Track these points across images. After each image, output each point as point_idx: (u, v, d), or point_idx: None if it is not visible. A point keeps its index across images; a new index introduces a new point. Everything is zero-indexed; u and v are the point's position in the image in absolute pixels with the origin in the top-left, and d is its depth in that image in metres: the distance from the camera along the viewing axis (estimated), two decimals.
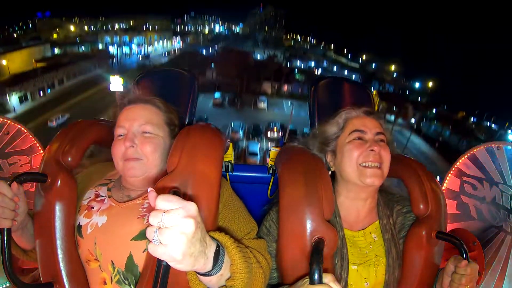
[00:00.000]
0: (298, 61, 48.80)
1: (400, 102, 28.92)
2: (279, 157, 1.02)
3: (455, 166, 1.48)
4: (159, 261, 0.53)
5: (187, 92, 1.18)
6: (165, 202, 0.51)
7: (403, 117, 28.42)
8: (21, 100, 22.04)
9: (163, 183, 0.76)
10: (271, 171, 1.34)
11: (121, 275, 0.83)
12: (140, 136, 0.90)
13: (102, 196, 0.93)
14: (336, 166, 1.00)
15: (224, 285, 0.66)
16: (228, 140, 0.97)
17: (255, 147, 20.13)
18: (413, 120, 29.47)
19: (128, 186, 0.94)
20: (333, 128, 1.02)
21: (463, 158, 1.47)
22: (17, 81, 22.02)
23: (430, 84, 32.80)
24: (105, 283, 0.85)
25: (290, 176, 0.90)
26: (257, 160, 18.97)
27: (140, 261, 0.81)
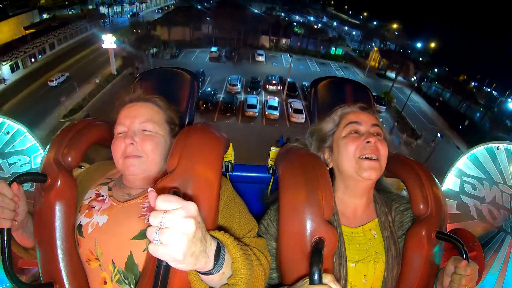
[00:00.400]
0: (297, 16, 47.59)
1: (401, 60, 28.54)
2: (279, 157, 1.02)
3: (455, 166, 1.48)
4: (159, 261, 0.53)
5: (187, 91, 1.18)
6: (165, 202, 0.52)
7: (404, 75, 28.38)
8: (13, 69, 21.47)
9: (163, 183, 0.76)
10: (271, 171, 1.34)
11: (121, 275, 0.83)
12: (140, 134, 0.90)
13: (103, 196, 0.93)
14: (333, 161, 1.01)
15: (226, 283, 0.67)
16: (228, 140, 0.97)
17: (254, 100, 19.90)
18: (413, 79, 29.44)
19: (128, 185, 0.94)
20: (329, 124, 1.03)
21: (463, 158, 1.47)
22: (6, 50, 21.38)
23: (432, 44, 32.12)
24: (105, 282, 0.85)
25: (290, 176, 0.90)
26: (256, 112, 18.76)
27: (140, 261, 0.81)
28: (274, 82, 23.71)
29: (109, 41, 21.91)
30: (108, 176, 1.01)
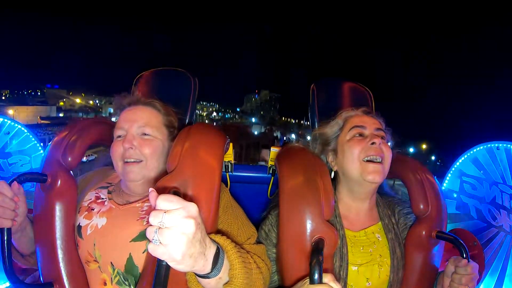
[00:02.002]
0: (293, 135, 53.46)
1: None
2: (279, 157, 1.02)
3: (455, 166, 1.48)
4: (159, 261, 0.52)
5: (187, 92, 1.18)
6: (166, 202, 0.51)
7: None
8: None
9: (163, 183, 0.76)
10: (271, 171, 1.34)
11: (121, 276, 0.83)
12: (139, 138, 0.90)
13: (102, 198, 0.93)
14: (338, 165, 1.00)
15: None
16: (228, 140, 0.96)
17: None
18: None
19: (128, 192, 0.94)
20: (333, 128, 1.03)
21: (463, 158, 1.47)
22: None
23: None
24: (105, 283, 0.85)
25: (290, 176, 0.89)
26: None
27: (140, 262, 0.81)
28: None
29: None
30: (108, 181, 1.01)
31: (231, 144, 1.18)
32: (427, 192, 0.94)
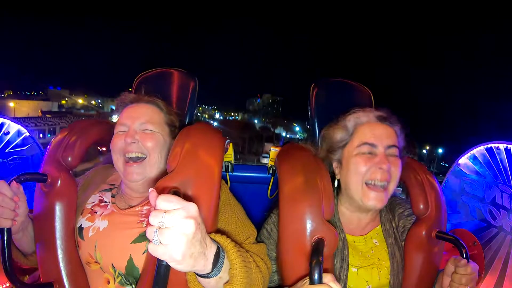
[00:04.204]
0: (298, 127, 52.86)
1: None
2: (279, 157, 1.02)
3: (455, 166, 1.48)
4: (159, 261, 0.52)
5: (187, 92, 1.18)
6: (166, 202, 0.51)
7: None
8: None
9: (163, 183, 0.76)
10: (271, 171, 1.34)
11: (123, 277, 0.83)
12: (141, 133, 0.91)
13: (106, 202, 0.94)
14: (341, 176, 0.96)
15: None
16: (228, 140, 0.96)
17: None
18: None
19: (129, 192, 0.94)
20: (341, 133, 0.94)
21: (463, 158, 1.47)
22: (20, 119, 22.20)
23: None
24: (108, 282, 0.85)
25: (290, 176, 0.89)
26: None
27: (140, 263, 0.81)
28: None
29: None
30: (109, 182, 1.02)
31: (231, 144, 1.18)
32: (427, 193, 0.94)
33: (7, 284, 0.82)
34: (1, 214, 0.77)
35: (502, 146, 1.35)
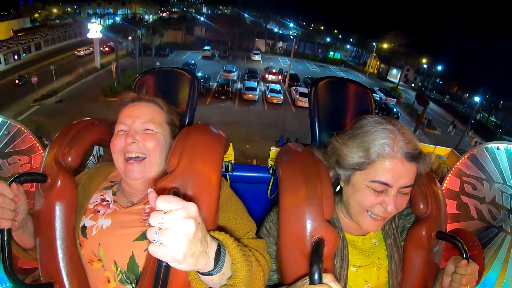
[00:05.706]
0: (292, 24, 47.04)
1: (405, 59, 31.42)
2: (279, 157, 1.02)
3: (455, 166, 1.48)
4: (159, 262, 0.53)
5: (187, 92, 1.18)
6: (165, 203, 0.51)
7: (404, 80, 31.68)
8: None
9: (163, 184, 0.76)
10: (271, 171, 1.34)
11: (124, 275, 0.84)
12: (142, 133, 0.91)
13: (107, 201, 0.94)
14: (345, 191, 0.92)
15: (226, 284, 0.67)
16: (228, 140, 0.96)
17: (253, 83, 18.25)
18: (413, 85, 33.03)
19: (129, 189, 0.95)
20: (358, 157, 0.83)
21: (463, 158, 1.46)
22: None
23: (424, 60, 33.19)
24: (109, 281, 0.86)
25: (290, 176, 0.89)
26: (256, 95, 17.21)
27: (141, 261, 0.82)
28: (274, 71, 21.93)
29: (94, 30, 20.10)
30: (110, 179, 1.02)
31: (231, 144, 1.18)
32: (427, 192, 0.94)
33: (7, 284, 0.83)
34: (1, 215, 0.77)
35: (502, 146, 1.35)
